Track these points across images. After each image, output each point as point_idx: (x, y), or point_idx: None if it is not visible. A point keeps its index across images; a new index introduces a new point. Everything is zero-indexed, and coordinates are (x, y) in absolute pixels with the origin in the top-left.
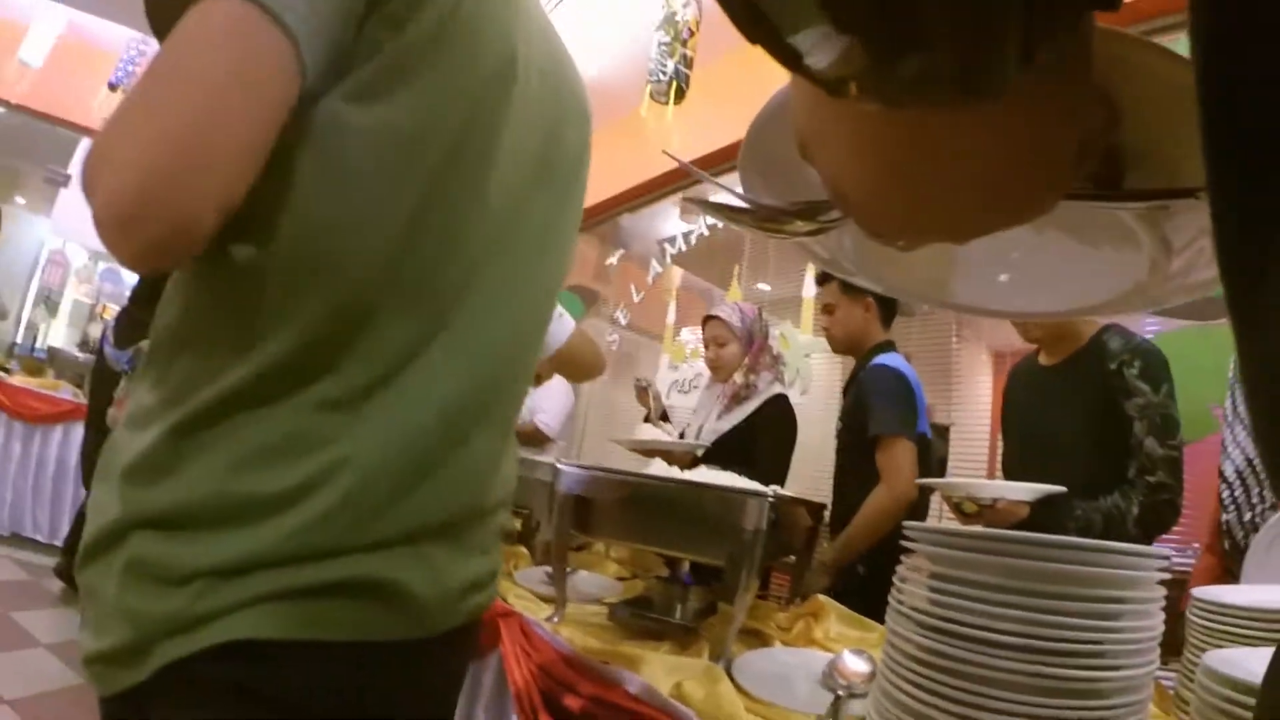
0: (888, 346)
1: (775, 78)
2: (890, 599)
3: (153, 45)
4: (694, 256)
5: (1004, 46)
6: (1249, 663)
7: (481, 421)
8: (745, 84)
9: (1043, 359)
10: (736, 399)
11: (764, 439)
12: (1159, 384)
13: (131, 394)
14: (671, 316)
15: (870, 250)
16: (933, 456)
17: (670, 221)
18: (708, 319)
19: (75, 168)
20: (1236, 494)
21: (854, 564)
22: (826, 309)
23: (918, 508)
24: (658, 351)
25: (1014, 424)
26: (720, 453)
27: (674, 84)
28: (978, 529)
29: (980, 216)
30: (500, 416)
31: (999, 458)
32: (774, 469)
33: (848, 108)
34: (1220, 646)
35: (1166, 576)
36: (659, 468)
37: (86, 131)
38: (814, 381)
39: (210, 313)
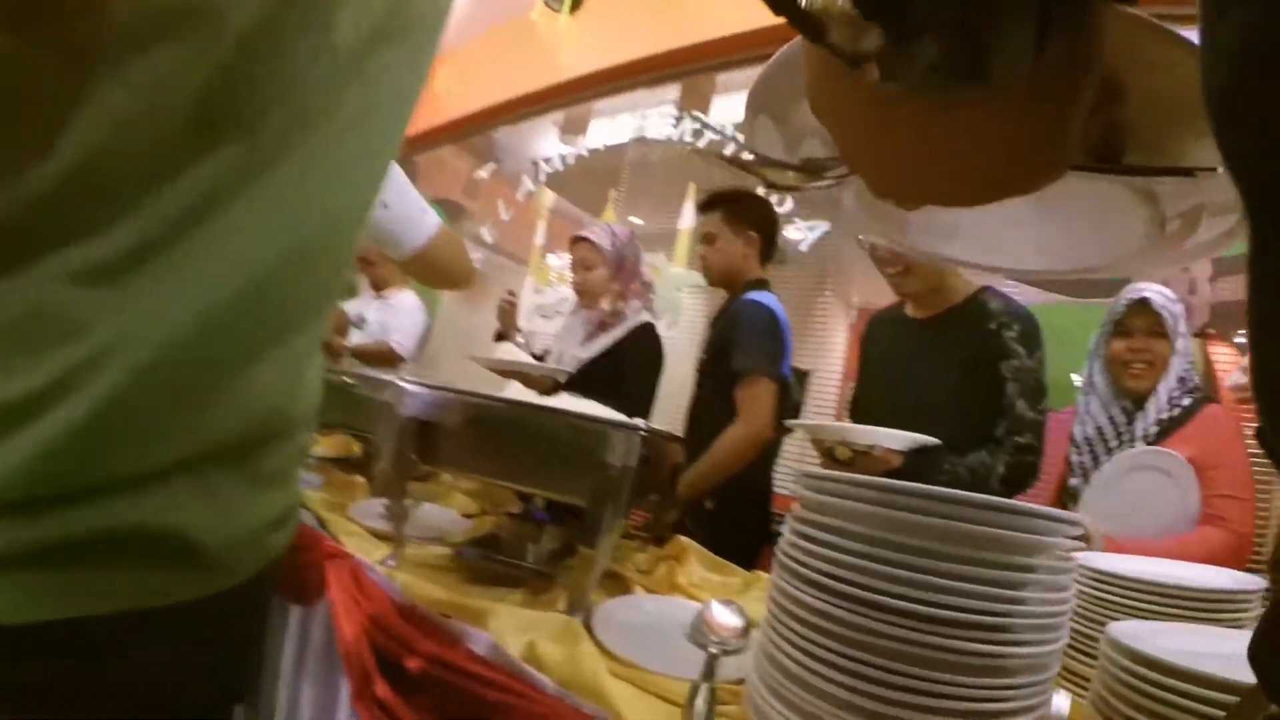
0: (763, 284)
1: None
2: (777, 550)
3: None
4: (569, 180)
5: (1016, 39)
6: (1157, 639)
7: (289, 308)
8: (638, 4)
9: (911, 311)
10: (602, 326)
11: (630, 369)
12: (1034, 349)
13: None
14: (540, 238)
15: (873, 207)
16: (790, 401)
17: (548, 141)
18: (576, 240)
19: None
20: (1084, 459)
21: (702, 499)
22: (707, 238)
23: (770, 451)
24: (522, 275)
25: (878, 373)
26: (583, 381)
27: None
28: (879, 479)
29: (982, 190)
30: (313, 306)
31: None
32: (640, 401)
33: (861, 80)
34: (1102, 617)
35: (1082, 546)
36: (516, 392)
37: None
38: (682, 316)
39: None
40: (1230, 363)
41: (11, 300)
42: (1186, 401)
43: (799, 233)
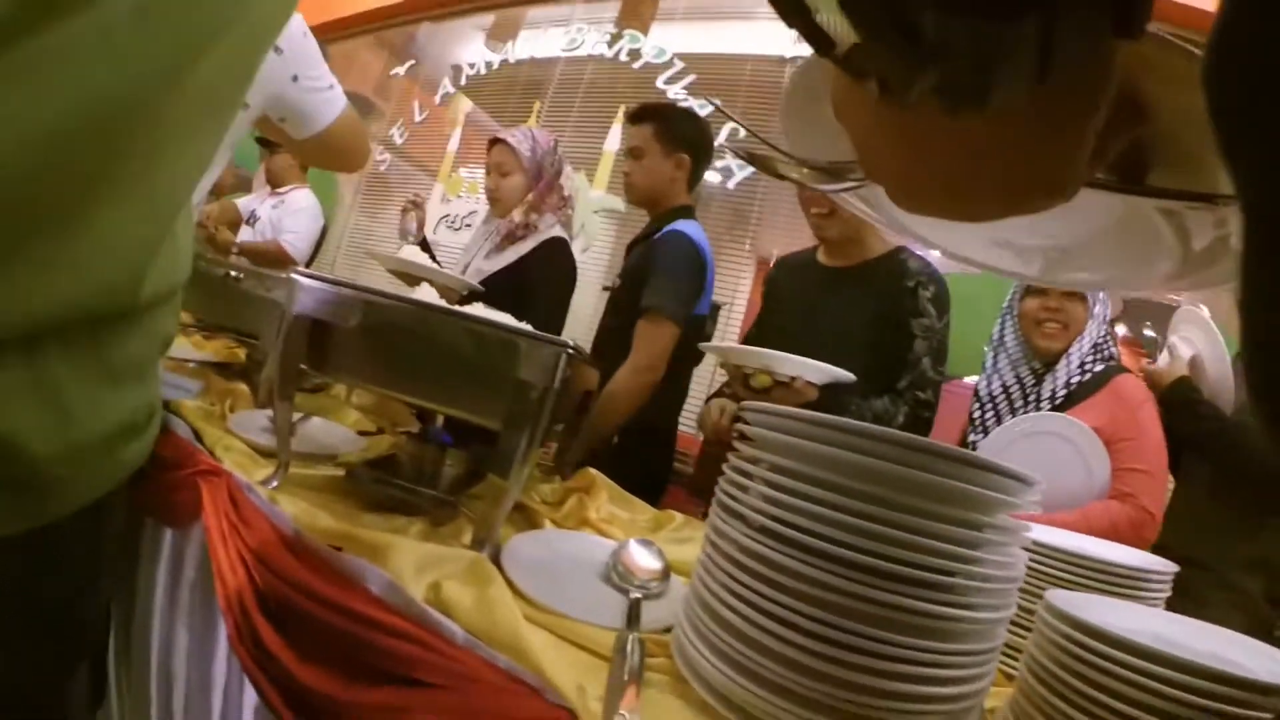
0: (687, 212)
1: None
2: (717, 491)
3: None
4: (490, 89)
5: (1018, 66)
6: (1092, 609)
7: (133, 157)
8: None
9: (825, 259)
10: (511, 238)
11: (538, 285)
12: (943, 312)
13: None
14: (454, 146)
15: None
16: (700, 339)
17: (473, 45)
18: (494, 142)
19: None
20: (987, 418)
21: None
22: (633, 152)
23: (677, 388)
24: (431, 185)
25: (784, 315)
26: (488, 296)
27: None
28: (838, 418)
29: (995, 206)
30: (169, 165)
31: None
32: (547, 320)
33: (869, 90)
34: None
35: (1038, 511)
36: (426, 294)
37: None
38: (596, 242)
39: None
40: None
41: None
42: (1099, 369)
43: (718, 175)
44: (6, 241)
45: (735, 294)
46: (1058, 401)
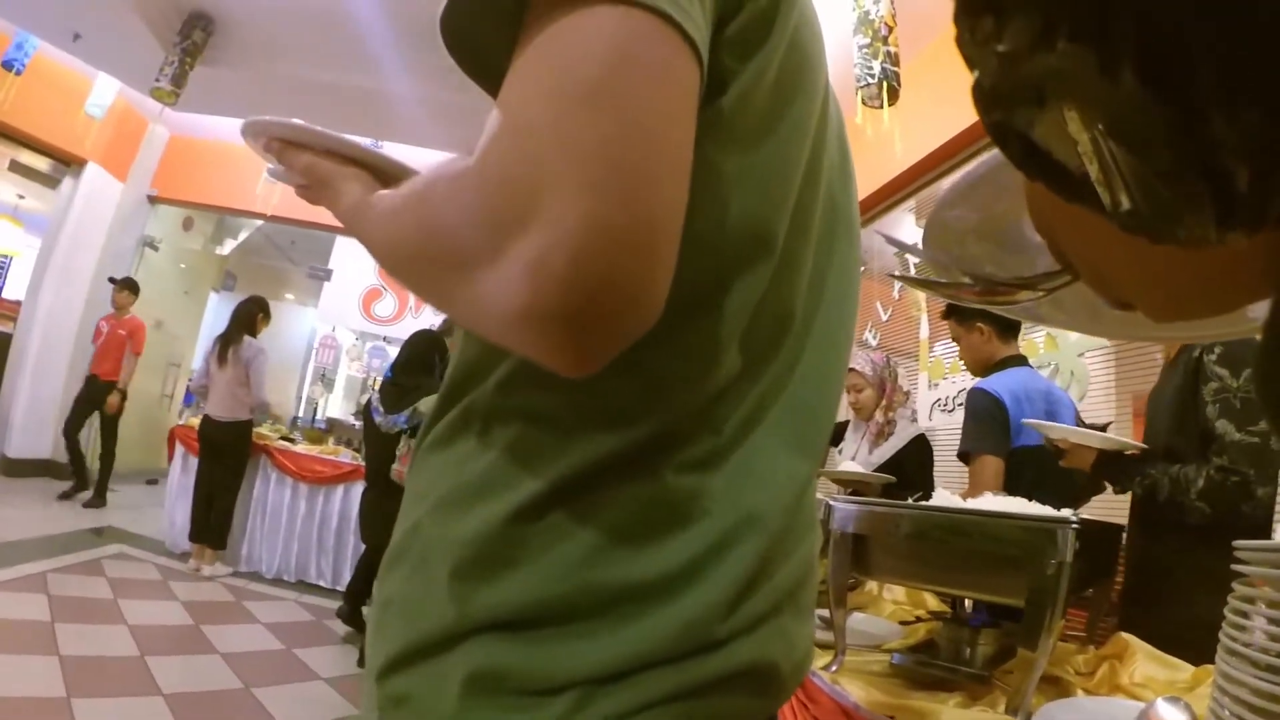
0: (1008, 362)
1: None
2: (1221, 635)
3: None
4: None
5: (1195, 221)
6: None
7: (821, 454)
8: (956, 70)
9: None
10: (881, 435)
11: (911, 471)
12: (1238, 371)
13: (426, 465)
14: (924, 332)
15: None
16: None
17: (907, 231)
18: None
19: (335, 262)
20: None
21: None
22: (956, 343)
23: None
24: (915, 371)
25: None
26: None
27: (884, 84)
28: None
29: (1196, 309)
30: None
31: None
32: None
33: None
34: None
35: None
36: (942, 496)
37: (338, 230)
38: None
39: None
40: None
41: (646, 492)
42: None
43: None
44: (794, 528)
45: None
46: None
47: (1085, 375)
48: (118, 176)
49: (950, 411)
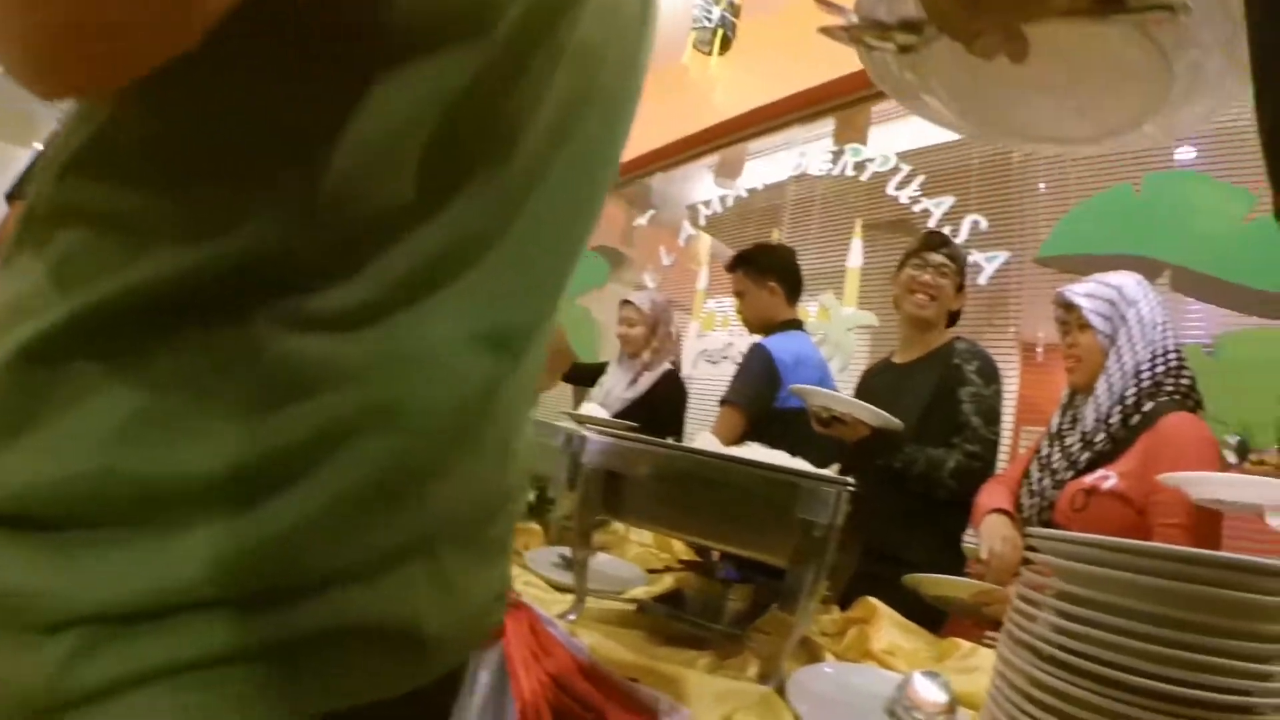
0: (790, 324)
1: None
2: (1006, 621)
3: None
4: (728, 223)
5: None
6: None
7: (523, 360)
8: (795, 36)
9: (898, 359)
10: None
11: (661, 410)
12: (990, 381)
13: None
14: (703, 283)
15: (957, 101)
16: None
17: (704, 185)
18: (623, 302)
19: None
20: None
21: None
22: (738, 294)
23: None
24: (686, 321)
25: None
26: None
27: (719, 32)
28: (1123, 540)
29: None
30: (536, 359)
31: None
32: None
33: None
34: None
35: None
36: (707, 442)
37: None
38: (853, 359)
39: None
40: None
41: (237, 346)
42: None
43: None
44: (464, 432)
45: (1005, 379)
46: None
47: (850, 349)
48: None
49: (715, 364)
